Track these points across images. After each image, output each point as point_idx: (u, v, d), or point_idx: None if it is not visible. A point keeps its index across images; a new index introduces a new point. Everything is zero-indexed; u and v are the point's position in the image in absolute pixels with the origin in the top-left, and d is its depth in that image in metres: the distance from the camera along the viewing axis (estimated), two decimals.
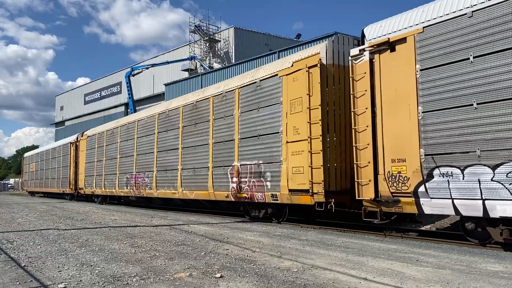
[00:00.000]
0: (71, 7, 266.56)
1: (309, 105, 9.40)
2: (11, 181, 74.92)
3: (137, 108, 36.90)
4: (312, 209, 9.52)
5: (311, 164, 9.21)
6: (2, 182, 74.42)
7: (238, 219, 12.10)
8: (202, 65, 37.38)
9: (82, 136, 24.71)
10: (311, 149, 9.24)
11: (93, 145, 22.61)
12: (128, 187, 18.05)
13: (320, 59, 9.35)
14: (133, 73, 37.83)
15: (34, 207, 18.49)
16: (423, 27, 7.36)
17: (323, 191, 8.88)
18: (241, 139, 11.60)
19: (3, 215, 13.96)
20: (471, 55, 6.66)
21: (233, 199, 11.74)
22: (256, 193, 10.87)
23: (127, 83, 37.47)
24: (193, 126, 13.80)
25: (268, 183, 10.47)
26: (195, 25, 38.91)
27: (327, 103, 9.27)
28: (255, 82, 11.27)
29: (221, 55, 38.83)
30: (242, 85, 11.75)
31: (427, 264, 5.50)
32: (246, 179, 11.24)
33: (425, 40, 7.32)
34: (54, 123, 65.61)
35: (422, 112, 7.29)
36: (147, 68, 38.75)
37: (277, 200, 10.24)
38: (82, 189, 23.76)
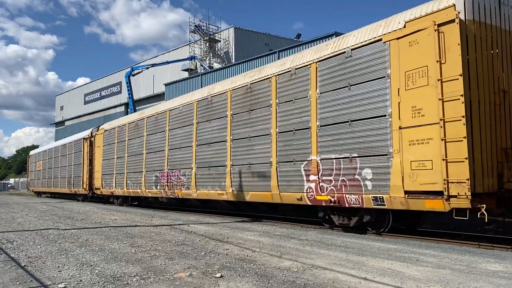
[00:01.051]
0: (71, 7, 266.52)
1: (441, 76, 6.99)
2: (11, 181, 74.94)
3: (137, 108, 36.88)
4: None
5: (446, 156, 6.82)
6: (2, 182, 74.42)
7: (238, 219, 12.10)
8: (202, 65, 37.39)
9: (98, 131, 22.27)
10: (445, 136, 6.85)
11: (112, 140, 20.13)
12: (158, 187, 15.68)
13: (457, 13, 6.97)
14: (133, 73, 37.83)
15: (34, 207, 18.49)
16: None
17: (468, 193, 6.55)
18: (321, 126, 9.16)
19: (3, 215, 13.96)
20: None
21: (309, 203, 9.36)
22: (347, 195, 8.53)
23: (127, 83, 37.47)
24: (247, 113, 11.47)
25: (368, 183, 8.13)
26: (195, 25, 38.93)
27: (468, 73, 6.93)
28: (343, 52, 8.85)
29: (221, 55, 38.83)
30: (320, 59, 9.38)
31: (427, 264, 5.50)
32: (330, 178, 8.94)
33: None
34: (54, 123, 65.64)
35: None
36: (147, 68, 38.75)
37: (383, 204, 7.90)
38: (99, 189, 21.37)
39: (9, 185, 70.30)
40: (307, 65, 9.71)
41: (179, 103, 15.08)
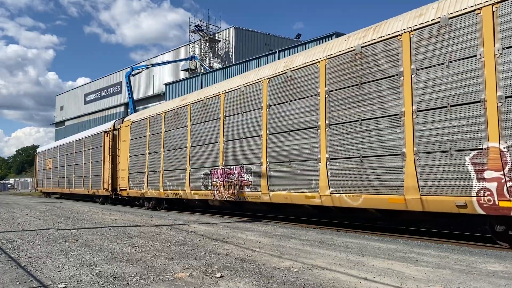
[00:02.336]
0: (72, 7, 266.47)
1: None
2: (11, 181, 74.94)
3: (137, 108, 36.88)
4: None
5: None
6: (2, 182, 74.42)
7: (238, 219, 12.10)
8: (202, 65, 37.40)
9: (123, 123, 19.31)
10: None
11: (142, 133, 17.26)
12: (209, 187, 12.89)
13: None
14: (133, 73, 37.81)
15: (34, 207, 18.48)
16: None
17: None
18: (507, 97, 6.27)
19: (3, 215, 13.96)
20: None
21: (481, 211, 6.55)
22: None
23: (127, 83, 37.45)
24: (355, 88, 8.50)
25: None
26: (195, 25, 38.95)
27: None
28: None
29: (221, 55, 38.84)
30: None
31: (427, 264, 5.50)
32: None
33: None
34: (54, 123, 65.65)
35: None
36: (147, 68, 38.73)
37: None
38: (125, 189, 18.30)
39: (9, 185, 70.27)
40: (471, 11, 6.88)
41: (239, 83, 12.10)
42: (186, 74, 37.93)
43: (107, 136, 20.71)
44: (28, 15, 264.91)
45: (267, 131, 10.80)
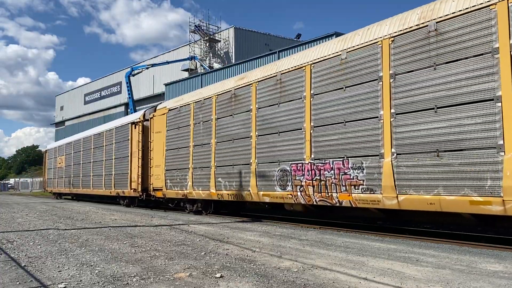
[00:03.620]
0: (72, 7, 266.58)
1: None
2: (11, 181, 74.95)
3: (137, 108, 36.90)
4: None
5: None
6: (2, 182, 74.45)
7: (238, 219, 12.09)
8: (202, 65, 37.42)
9: (155, 111, 16.40)
10: None
11: (184, 121, 14.31)
12: (289, 188, 9.97)
13: None
14: (133, 73, 37.87)
15: (34, 207, 18.49)
16: None
17: None
18: None
19: (3, 215, 13.96)
20: None
21: None
22: None
23: (127, 83, 37.51)
24: None
25: None
26: (195, 25, 38.97)
27: None
28: None
29: (221, 55, 38.86)
30: None
31: (427, 264, 5.50)
32: None
33: None
34: (54, 123, 65.66)
35: None
36: (147, 68, 38.79)
37: None
38: (160, 189, 15.41)
39: (9, 185, 70.29)
40: None
41: (340, 48, 9.01)
42: (186, 74, 37.93)
43: (135, 128, 17.67)
44: (28, 15, 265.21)
45: (393, 109, 7.75)
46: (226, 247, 6.89)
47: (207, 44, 38.93)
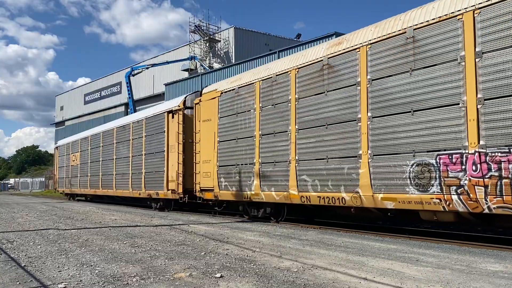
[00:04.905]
0: (72, 7, 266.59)
1: None
2: (11, 181, 74.98)
3: (137, 108, 36.91)
4: None
5: None
6: (2, 182, 74.47)
7: (238, 219, 12.09)
8: (202, 65, 37.41)
9: (201, 96, 13.63)
10: None
11: (245, 105, 11.57)
12: (434, 189, 7.23)
13: None
14: (133, 73, 37.88)
15: (34, 207, 18.49)
16: None
17: None
18: None
19: (3, 215, 13.96)
20: None
21: None
22: None
23: (127, 83, 37.51)
24: None
25: None
26: (195, 25, 38.96)
27: None
28: None
29: (221, 55, 38.86)
30: None
31: (427, 264, 5.50)
32: None
33: None
34: (54, 123, 65.66)
35: None
36: (147, 68, 38.80)
37: None
38: (211, 190, 12.70)
39: (9, 185, 70.34)
40: None
41: None
42: (186, 74, 37.93)
43: (173, 117, 15.04)
44: (28, 15, 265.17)
45: None
46: (226, 247, 6.89)
47: (207, 44, 38.93)
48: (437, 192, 7.17)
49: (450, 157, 7.07)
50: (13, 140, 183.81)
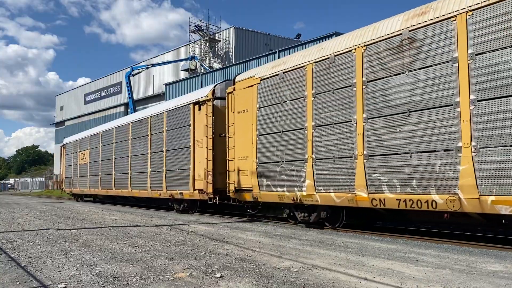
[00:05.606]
0: (72, 7, 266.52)
1: None
2: (11, 181, 75.00)
3: (137, 108, 36.91)
4: None
5: None
6: (2, 182, 74.49)
7: (238, 219, 12.09)
8: (202, 65, 37.42)
9: (235, 84, 12.03)
10: None
11: (293, 92, 10.02)
12: None
13: None
14: (133, 73, 37.90)
15: (34, 207, 18.49)
16: None
17: None
18: None
19: (3, 215, 13.96)
20: None
21: None
22: None
23: (127, 83, 37.53)
24: None
25: None
26: (195, 25, 38.96)
27: None
28: None
29: (221, 55, 38.86)
30: None
31: (427, 264, 5.50)
32: None
33: None
34: (54, 123, 65.67)
35: None
36: (147, 68, 38.82)
37: None
38: (249, 191, 11.16)
39: (9, 185, 70.36)
40: None
41: None
42: (186, 74, 37.93)
43: (200, 109, 13.58)
44: (28, 15, 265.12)
45: None
46: (226, 247, 6.89)
47: (207, 44, 38.93)
48: None
49: None
50: (13, 140, 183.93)
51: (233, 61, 34.74)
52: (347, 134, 8.68)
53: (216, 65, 36.69)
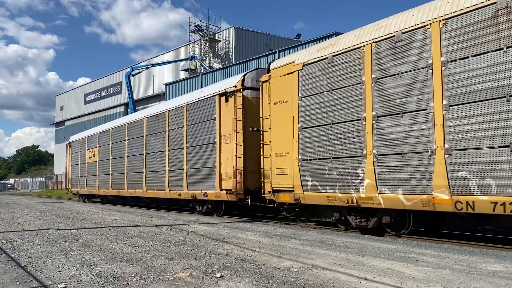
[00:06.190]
0: (72, 7, 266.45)
1: None
2: (11, 181, 75.01)
3: (137, 108, 36.91)
4: None
5: None
6: (2, 182, 74.51)
7: (238, 219, 12.08)
8: (202, 65, 37.42)
9: (271, 72, 10.78)
10: None
11: (347, 78, 8.72)
12: None
13: None
14: (133, 73, 37.90)
15: (34, 207, 18.49)
16: None
17: None
18: None
19: (3, 215, 13.97)
20: None
21: None
22: None
23: (127, 83, 37.53)
24: None
25: None
26: (195, 25, 38.96)
27: None
28: None
29: (221, 55, 38.86)
30: None
31: (427, 264, 5.50)
32: None
33: None
34: (54, 123, 65.68)
35: None
36: (147, 68, 38.81)
37: None
38: (289, 191, 9.94)
39: (9, 185, 70.37)
40: None
41: None
42: (186, 74, 37.92)
43: (227, 100, 12.40)
44: (28, 15, 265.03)
45: None
46: (226, 247, 6.89)
47: (207, 44, 38.92)
48: None
49: None
50: (13, 140, 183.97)
51: (233, 61, 34.74)
52: (421, 125, 7.42)
53: (216, 65, 36.68)
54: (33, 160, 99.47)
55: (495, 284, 4.47)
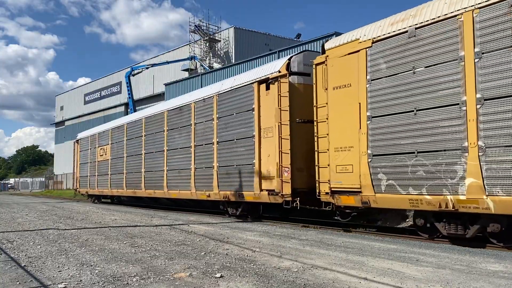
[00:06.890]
0: (72, 7, 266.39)
1: None
2: (11, 181, 75.02)
3: (137, 108, 36.91)
4: None
5: None
6: (2, 182, 74.52)
7: (238, 219, 12.08)
8: (202, 65, 37.43)
9: (326, 53, 9.23)
10: None
11: (432, 56, 7.21)
12: None
13: None
14: (133, 73, 37.91)
15: (34, 207, 18.49)
16: None
17: None
18: None
19: (3, 215, 13.97)
20: None
21: None
22: None
23: (127, 83, 37.54)
24: None
25: None
26: (195, 25, 38.98)
27: None
28: None
29: (221, 55, 38.87)
30: None
31: (427, 264, 5.50)
32: None
33: None
34: (54, 123, 65.69)
35: None
36: (147, 68, 38.82)
37: None
38: (355, 193, 8.33)
39: (9, 185, 70.38)
40: None
41: None
42: (186, 74, 37.94)
43: (268, 88, 10.91)
44: (28, 15, 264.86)
45: None
46: (226, 247, 6.89)
47: (207, 44, 38.93)
48: None
49: None
50: (13, 140, 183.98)
51: (233, 61, 34.75)
52: None
53: (216, 65, 36.68)
54: (33, 160, 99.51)
55: (495, 284, 4.47)
